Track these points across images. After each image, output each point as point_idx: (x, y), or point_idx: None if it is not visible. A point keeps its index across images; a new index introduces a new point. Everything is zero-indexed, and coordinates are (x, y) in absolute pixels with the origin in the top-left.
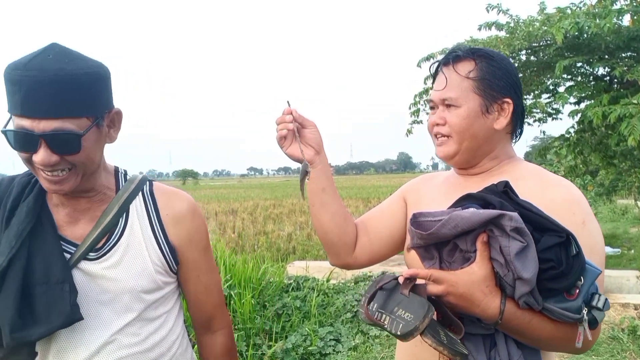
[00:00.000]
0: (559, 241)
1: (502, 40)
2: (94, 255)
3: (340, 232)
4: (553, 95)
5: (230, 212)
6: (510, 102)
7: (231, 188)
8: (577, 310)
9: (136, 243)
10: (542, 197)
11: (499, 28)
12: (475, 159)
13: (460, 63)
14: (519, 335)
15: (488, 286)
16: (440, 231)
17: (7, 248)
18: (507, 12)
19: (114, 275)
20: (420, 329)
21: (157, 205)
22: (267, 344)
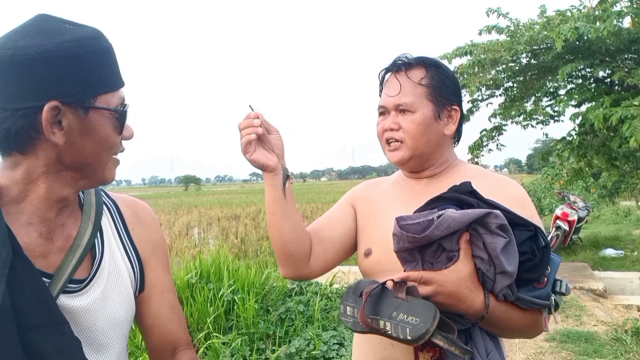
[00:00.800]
0: (529, 235)
1: (502, 44)
2: (76, 287)
3: (300, 243)
4: (554, 98)
5: (233, 218)
6: (457, 109)
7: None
8: (546, 297)
9: (116, 266)
10: (497, 195)
11: (499, 32)
12: (428, 163)
13: (411, 70)
14: (494, 327)
15: (473, 282)
16: (433, 233)
17: None
18: (507, 16)
19: (100, 309)
20: (431, 331)
21: (123, 218)
22: (270, 348)
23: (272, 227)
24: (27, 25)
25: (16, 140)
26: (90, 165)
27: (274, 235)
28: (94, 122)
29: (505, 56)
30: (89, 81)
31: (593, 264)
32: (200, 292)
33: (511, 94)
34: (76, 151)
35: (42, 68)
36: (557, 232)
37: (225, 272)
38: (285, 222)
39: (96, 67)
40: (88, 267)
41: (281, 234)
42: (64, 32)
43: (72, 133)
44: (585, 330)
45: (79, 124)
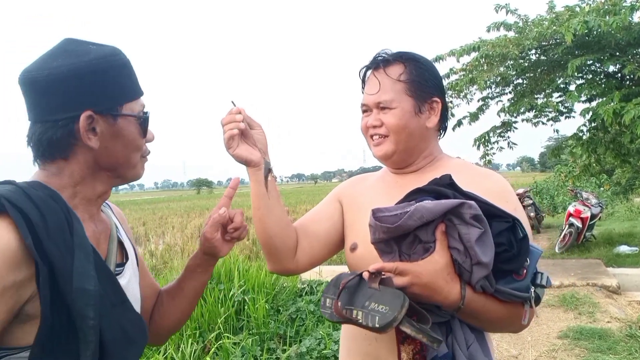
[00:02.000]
0: (507, 226)
1: (511, 41)
2: (119, 270)
3: (284, 237)
4: (564, 93)
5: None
6: (439, 101)
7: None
8: (526, 289)
9: (131, 253)
10: (480, 188)
11: (507, 28)
12: (412, 157)
13: (390, 67)
14: (474, 319)
15: (449, 274)
16: (406, 223)
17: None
18: (516, 12)
19: (132, 288)
20: (398, 319)
21: (117, 217)
22: (281, 348)
23: (256, 221)
24: (58, 48)
25: (59, 147)
26: (122, 165)
27: (259, 229)
28: (122, 127)
29: (513, 51)
30: (115, 92)
31: (607, 260)
32: (211, 293)
33: (520, 90)
34: (109, 153)
35: (75, 83)
36: (570, 229)
37: (236, 272)
38: (269, 216)
39: (120, 79)
40: (120, 254)
41: (265, 228)
42: (89, 52)
43: (105, 138)
44: (599, 327)
45: (110, 129)
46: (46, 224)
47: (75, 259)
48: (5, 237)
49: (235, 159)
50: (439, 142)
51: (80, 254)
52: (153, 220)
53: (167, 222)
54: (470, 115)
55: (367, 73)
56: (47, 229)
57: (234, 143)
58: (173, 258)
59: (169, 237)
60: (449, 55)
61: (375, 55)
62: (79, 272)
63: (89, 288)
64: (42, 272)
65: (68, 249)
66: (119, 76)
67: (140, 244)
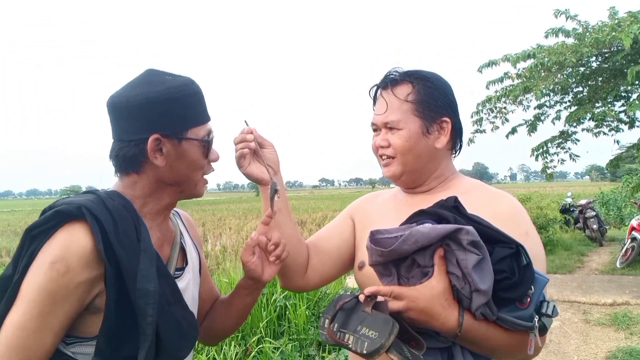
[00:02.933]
0: (510, 252)
1: (568, 47)
2: (178, 273)
3: (295, 254)
4: (626, 102)
5: (299, 223)
6: (448, 120)
7: (302, 199)
8: (529, 318)
9: (192, 259)
10: (488, 210)
11: (566, 35)
12: (421, 178)
13: (398, 87)
14: (475, 346)
15: (447, 299)
16: (401, 247)
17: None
18: (576, 18)
19: (190, 290)
20: (385, 346)
21: (184, 222)
22: (320, 355)
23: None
24: (138, 78)
25: (131, 163)
26: (185, 182)
27: None
28: (186, 149)
29: (570, 59)
30: (182, 118)
31: None
32: None
33: (580, 99)
34: (174, 171)
35: (147, 109)
36: (632, 243)
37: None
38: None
39: (187, 107)
40: (181, 259)
41: None
42: (164, 82)
43: (170, 157)
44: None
45: (175, 150)
46: (117, 230)
47: (140, 262)
48: (83, 241)
49: (246, 176)
50: (452, 161)
51: (145, 257)
52: (212, 221)
53: (225, 224)
54: (528, 125)
55: (377, 93)
56: (118, 235)
57: (245, 162)
58: (226, 260)
59: (225, 238)
60: (503, 61)
61: (386, 74)
62: (142, 274)
63: (150, 289)
64: (109, 273)
65: (134, 252)
66: (187, 104)
67: None
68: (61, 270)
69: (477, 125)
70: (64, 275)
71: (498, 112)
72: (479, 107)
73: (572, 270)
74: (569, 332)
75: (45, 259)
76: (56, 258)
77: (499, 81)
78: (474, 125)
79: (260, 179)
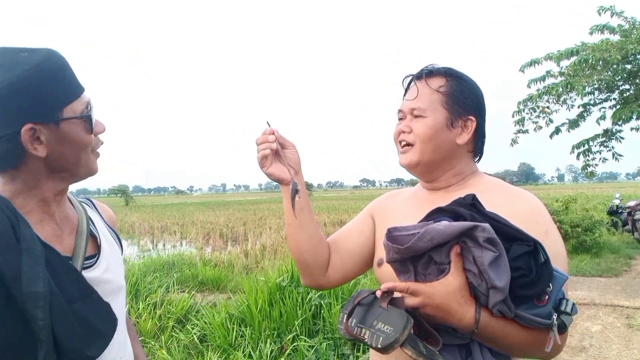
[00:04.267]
0: (527, 250)
1: (613, 45)
2: (89, 262)
3: (316, 252)
4: None
5: (339, 223)
6: (474, 119)
7: (343, 199)
8: (547, 316)
9: (110, 245)
10: (508, 208)
11: (611, 31)
12: (437, 171)
13: (432, 78)
14: (493, 343)
15: (463, 296)
16: (417, 245)
17: (37, 273)
18: (622, 14)
19: (110, 277)
20: (400, 340)
21: (99, 211)
22: (354, 354)
23: (289, 237)
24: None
25: (6, 160)
26: (74, 164)
27: (291, 245)
28: (66, 131)
29: (615, 56)
30: (53, 99)
31: None
32: (289, 295)
33: (627, 97)
34: (59, 157)
35: (10, 98)
36: None
37: None
38: (301, 232)
39: (55, 84)
40: (92, 246)
41: (297, 244)
42: (21, 62)
43: (51, 144)
44: None
45: (55, 135)
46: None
47: (23, 263)
48: None
49: (268, 176)
50: (473, 161)
51: (28, 258)
52: (253, 220)
53: (265, 223)
54: (570, 122)
55: (411, 82)
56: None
57: (267, 162)
58: (265, 258)
59: (265, 237)
60: (545, 59)
61: (423, 67)
62: (27, 276)
63: (39, 290)
64: None
65: (13, 254)
66: (54, 81)
67: (239, 244)
68: None
69: (519, 125)
70: None
71: (541, 111)
72: (520, 106)
73: (619, 273)
74: (611, 336)
75: None
76: None
77: (540, 80)
78: (515, 126)
79: (281, 179)
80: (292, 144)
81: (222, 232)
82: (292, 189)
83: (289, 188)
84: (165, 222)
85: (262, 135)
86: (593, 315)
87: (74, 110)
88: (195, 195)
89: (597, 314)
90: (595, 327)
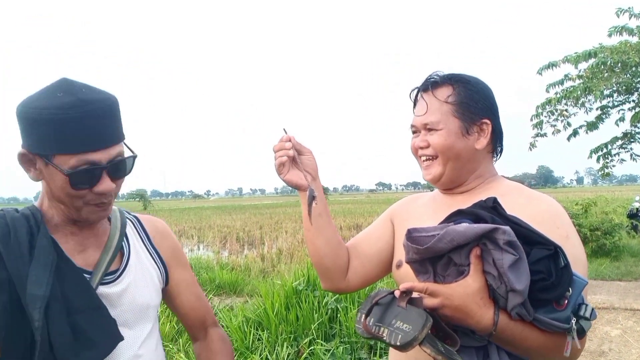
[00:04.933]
0: (548, 254)
1: (632, 46)
2: (110, 278)
3: (335, 257)
4: None
5: (355, 227)
6: (488, 122)
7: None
8: (566, 320)
9: (141, 263)
10: (528, 212)
11: (630, 33)
12: (460, 179)
13: (438, 89)
14: (511, 346)
15: (482, 298)
16: (437, 245)
17: (43, 278)
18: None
19: (131, 295)
20: (419, 338)
21: (145, 229)
22: (371, 358)
23: (308, 242)
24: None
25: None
26: (64, 203)
27: (310, 249)
28: (51, 173)
29: (634, 58)
30: (49, 141)
31: None
32: (306, 299)
33: None
34: (52, 190)
35: (22, 122)
36: None
37: None
38: (319, 237)
39: (57, 131)
40: (119, 262)
41: (316, 248)
42: (46, 99)
43: (42, 175)
44: None
45: (45, 169)
46: (9, 239)
47: (31, 268)
48: None
49: (286, 183)
50: (493, 163)
51: (37, 264)
52: (269, 224)
53: (282, 227)
54: (588, 125)
55: (417, 95)
56: (8, 244)
57: (284, 169)
58: (281, 262)
59: (281, 241)
60: (563, 62)
61: (427, 77)
62: (32, 279)
63: (39, 293)
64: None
65: (24, 260)
66: (57, 128)
67: (255, 247)
68: None
69: (537, 128)
70: None
71: (559, 114)
72: (538, 109)
73: (639, 277)
74: (631, 341)
75: None
76: None
77: (559, 83)
78: (534, 129)
79: (299, 185)
80: (309, 150)
81: (238, 236)
82: (308, 195)
83: (307, 194)
84: (182, 226)
85: (279, 143)
86: (612, 319)
87: (65, 162)
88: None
89: (617, 318)
90: (614, 332)
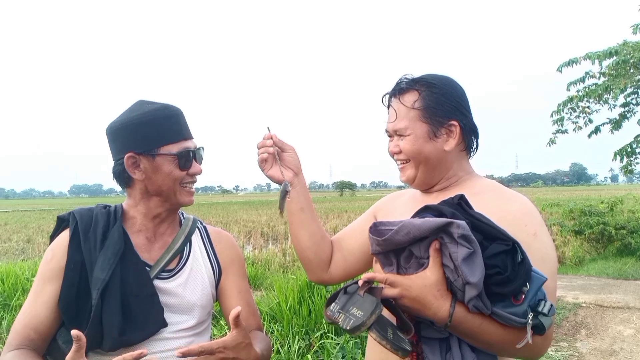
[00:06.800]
0: (505, 249)
1: None
2: (166, 275)
3: (317, 250)
4: None
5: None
6: (456, 124)
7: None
8: (523, 315)
9: (198, 267)
10: (499, 210)
11: None
12: (433, 179)
13: (405, 95)
14: (471, 339)
15: (439, 290)
16: (394, 237)
17: (107, 264)
18: None
19: (181, 292)
20: (367, 324)
21: (209, 237)
22: None
23: (291, 235)
24: (128, 107)
25: (121, 179)
26: (165, 192)
27: (294, 242)
28: (159, 164)
29: None
30: (154, 137)
31: None
32: (318, 293)
33: None
34: (153, 183)
35: (122, 133)
36: None
37: None
38: (301, 230)
39: (158, 128)
40: (176, 263)
41: (299, 241)
42: (139, 109)
43: (147, 171)
44: None
45: (150, 165)
46: (89, 230)
47: (100, 254)
48: (63, 236)
49: (269, 178)
50: (467, 161)
51: (106, 252)
52: None
53: None
54: (612, 123)
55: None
56: (87, 233)
57: (267, 165)
58: None
59: None
60: (584, 59)
61: (396, 82)
62: (98, 264)
63: (101, 276)
64: (70, 259)
65: (97, 247)
66: (157, 126)
67: (279, 242)
68: (48, 258)
69: (557, 125)
70: (50, 262)
71: (581, 111)
72: (559, 107)
73: None
74: None
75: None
76: (47, 250)
77: (580, 81)
78: (554, 125)
79: (280, 180)
80: (292, 147)
81: (263, 231)
82: (282, 190)
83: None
84: (209, 220)
85: (261, 140)
86: (626, 318)
87: (170, 149)
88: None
89: (631, 318)
90: (627, 331)
